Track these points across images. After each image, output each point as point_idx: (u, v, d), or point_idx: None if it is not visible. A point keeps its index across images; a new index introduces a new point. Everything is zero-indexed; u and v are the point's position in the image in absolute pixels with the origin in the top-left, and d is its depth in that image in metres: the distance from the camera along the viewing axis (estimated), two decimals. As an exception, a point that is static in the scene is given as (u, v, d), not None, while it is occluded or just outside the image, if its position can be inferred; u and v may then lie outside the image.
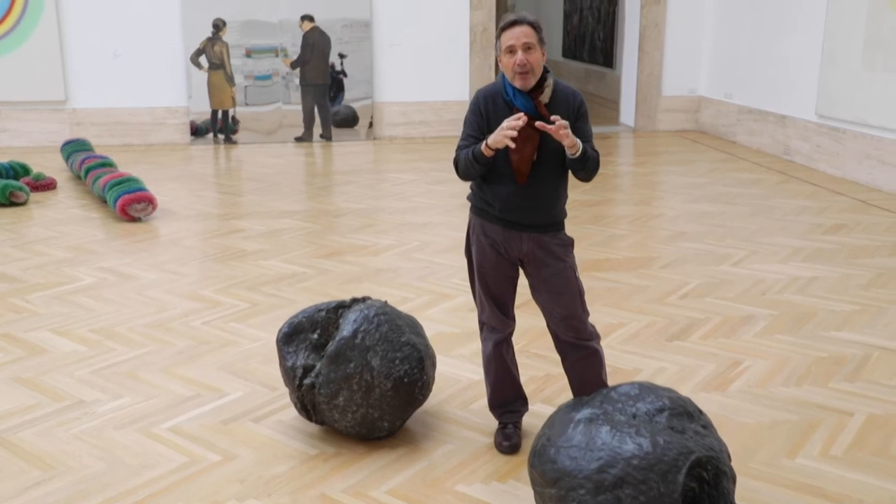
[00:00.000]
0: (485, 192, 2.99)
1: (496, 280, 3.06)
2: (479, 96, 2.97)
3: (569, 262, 3.02)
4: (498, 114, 2.90)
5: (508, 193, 2.92)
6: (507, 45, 2.82)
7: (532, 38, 2.80)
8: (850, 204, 6.79)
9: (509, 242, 2.99)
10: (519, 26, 2.81)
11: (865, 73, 7.34)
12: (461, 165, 2.96)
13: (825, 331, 4.25)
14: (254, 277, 5.06)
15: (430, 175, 8.01)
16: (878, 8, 7.16)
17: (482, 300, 3.11)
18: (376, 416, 3.09)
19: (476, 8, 9.80)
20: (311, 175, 8.33)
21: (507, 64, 2.84)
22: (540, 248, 2.98)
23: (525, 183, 2.89)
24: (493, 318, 3.11)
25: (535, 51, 2.81)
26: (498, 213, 2.96)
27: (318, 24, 9.56)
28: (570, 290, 3.01)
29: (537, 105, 2.85)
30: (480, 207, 3.03)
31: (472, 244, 3.10)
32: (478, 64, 9.92)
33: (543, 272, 3.00)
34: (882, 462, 3.06)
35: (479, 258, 3.07)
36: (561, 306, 3.02)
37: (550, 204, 2.96)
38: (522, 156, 2.86)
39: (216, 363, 3.88)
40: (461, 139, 3.00)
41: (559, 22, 16.16)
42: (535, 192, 2.91)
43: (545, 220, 2.96)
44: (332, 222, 6.32)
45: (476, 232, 3.06)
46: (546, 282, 3.01)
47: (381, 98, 9.86)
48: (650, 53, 10.30)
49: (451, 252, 5.57)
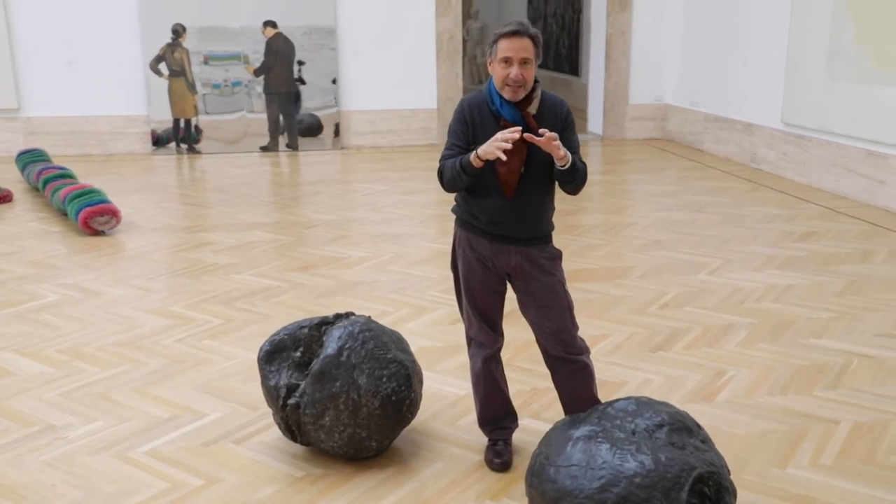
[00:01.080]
0: (471, 205, 2.93)
1: (483, 294, 3.00)
2: (465, 105, 2.90)
3: (557, 275, 2.97)
4: (484, 123, 2.84)
5: (495, 206, 2.86)
6: (503, 55, 2.74)
7: (530, 53, 2.74)
8: (818, 211, 6.87)
9: (496, 256, 2.93)
10: (519, 38, 2.73)
11: (829, 83, 7.44)
12: (446, 176, 2.89)
13: (805, 339, 4.26)
14: (226, 292, 4.94)
15: (401, 185, 7.94)
16: (840, 18, 7.26)
17: (469, 315, 3.05)
18: (364, 436, 3.01)
19: (442, 15, 9.76)
20: (279, 185, 8.20)
21: (499, 74, 2.77)
22: (528, 262, 2.93)
23: (512, 196, 2.84)
24: (482, 333, 3.05)
25: (531, 66, 2.76)
26: (485, 226, 2.90)
27: (282, 30, 9.44)
28: (559, 304, 2.96)
29: (525, 116, 2.80)
30: (466, 220, 2.97)
31: (458, 258, 3.04)
32: (445, 72, 9.88)
33: (532, 286, 2.95)
34: (871, 470, 3.05)
35: (465, 272, 3.01)
36: (550, 320, 2.97)
37: (538, 217, 2.90)
38: (510, 168, 2.80)
39: (192, 383, 3.76)
40: (446, 148, 2.94)
41: (522, 30, 16.19)
42: (522, 205, 2.86)
43: (533, 234, 2.91)
44: (304, 234, 6.21)
45: (462, 245, 3.00)
46: (535, 296, 2.95)
47: (348, 106, 9.77)
48: (617, 61, 10.35)
49: (427, 264, 5.50)
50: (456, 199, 3.02)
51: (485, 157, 2.72)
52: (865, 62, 6.98)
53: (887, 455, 3.16)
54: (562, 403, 3.15)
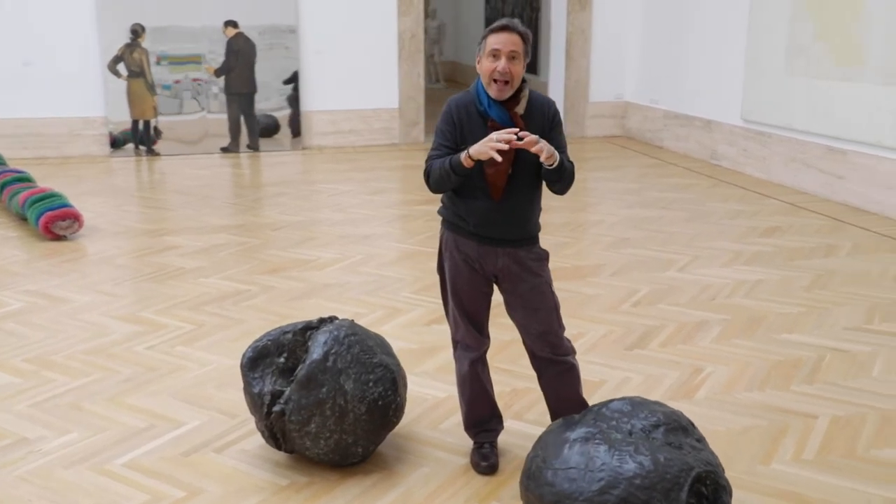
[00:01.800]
0: (458, 207, 2.90)
1: (470, 296, 2.98)
2: (452, 105, 2.87)
3: (544, 276, 2.97)
4: (472, 124, 2.82)
5: (483, 208, 2.84)
6: (491, 48, 2.72)
7: (518, 48, 2.73)
8: (779, 207, 6.98)
9: (484, 258, 2.91)
10: (508, 33, 2.73)
11: (789, 79, 7.57)
12: (434, 177, 2.86)
13: (777, 334, 4.32)
14: (195, 297, 4.84)
15: (366, 185, 7.88)
16: (799, 15, 7.39)
17: (456, 318, 3.02)
18: (350, 442, 2.96)
19: (404, 14, 9.71)
20: (242, 187, 8.08)
21: (486, 68, 2.74)
22: (515, 263, 2.91)
23: (500, 198, 2.82)
24: (468, 335, 3.02)
25: (519, 62, 2.74)
26: (472, 227, 2.88)
27: (242, 29, 9.31)
28: (546, 306, 2.95)
29: (513, 116, 2.79)
30: (453, 222, 2.94)
31: (444, 260, 3.01)
32: (407, 71, 9.84)
33: (519, 287, 2.93)
34: (853, 464, 3.10)
35: (452, 274, 2.98)
36: (537, 322, 2.96)
37: (525, 218, 2.89)
38: (498, 170, 2.78)
39: (167, 391, 3.68)
40: (432, 149, 2.91)
41: (480, 28, 16.21)
42: (510, 207, 2.84)
43: (520, 235, 2.90)
44: (271, 236, 6.13)
45: (449, 247, 2.97)
46: (522, 297, 2.94)
47: (309, 107, 9.66)
48: (577, 60, 10.41)
49: (397, 265, 5.46)
50: (442, 201, 2.99)
51: (477, 158, 2.69)
52: (825, 59, 7.11)
53: (867, 448, 3.21)
54: (548, 405, 3.14)
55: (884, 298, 4.80)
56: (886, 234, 6.11)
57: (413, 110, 9.96)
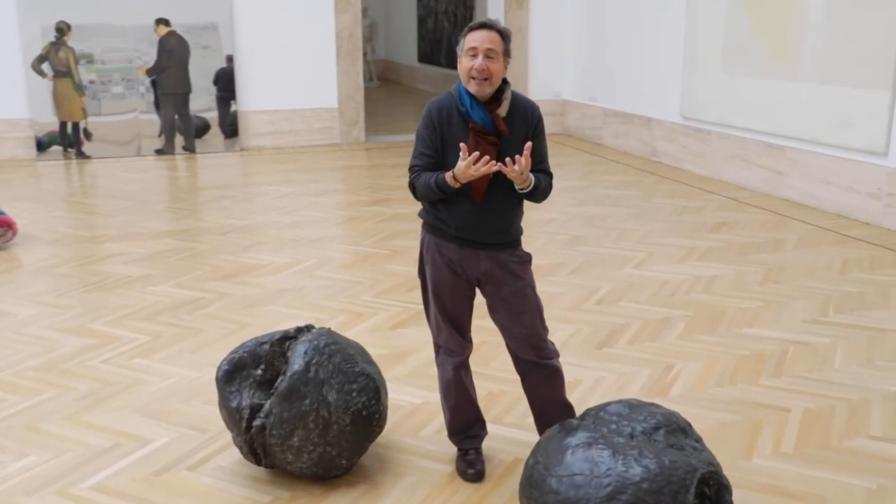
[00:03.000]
0: (440, 211, 2.84)
1: (453, 301, 2.92)
2: (432, 109, 2.81)
3: (527, 279, 2.93)
4: (453, 128, 2.76)
5: (465, 212, 2.79)
6: (469, 46, 2.69)
7: (497, 46, 2.69)
8: (723, 202, 7.11)
9: (466, 261, 2.86)
10: (486, 31, 2.70)
11: (726, 77, 7.73)
12: (420, 191, 2.81)
13: (739, 328, 4.38)
14: (147, 306, 4.65)
15: (310, 186, 7.73)
16: (735, 14, 7.55)
17: (438, 322, 2.96)
18: (334, 454, 2.87)
19: (341, 12, 9.57)
20: (183, 190, 7.83)
21: (465, 67, 2.71)
22: (498, 267, 2.87)
23: (482, 201, 2.77)
24: (451, 340, 2.96)
25: (498, 60, 2.70)
26: (454, 231, 2.82)
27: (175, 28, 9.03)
28: (529, 309, 2.92)
29: (495, 119, 2.74)
30: (435, 226, 2.88)
31: (426, 264, 2.94)
32: (345, 69, 9.70)
33: (502, 291, 2.89)
34: (830, 455, 3.15)
35: (434, 278, 2.92)
36: (521, 325, 2.92)
37: (508, 222, 2.85)
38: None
39: (130, 406, 3.51)
40: (414, 157, 2.84)
41: (413, 27, 16.14)
42: (491, 211, 2.80)
43: (502, 238, 2.86)
44: (219, 241, 5.94)
45: (431, 251, 2.91)
46: (505, 300, 2.90)
47: (246, 107, 9.44)
48: (515, 58, 10.42)
49: (353, 268, 5.36)
50: (423, 204, 2.92)
51: (461, 180, 2.66)
52: (762, 57, 7.28)
53: (841, 439, 3.27)
54: (532, 408, 3.10)
55: (834, 291, 4.93)
56: (827, 227, 6.28)
57: (353, 109, 9.83)
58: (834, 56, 6.53)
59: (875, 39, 6.15)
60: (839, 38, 6.47)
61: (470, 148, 2.68)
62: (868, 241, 5.91)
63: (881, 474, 3.03)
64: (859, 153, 6.40)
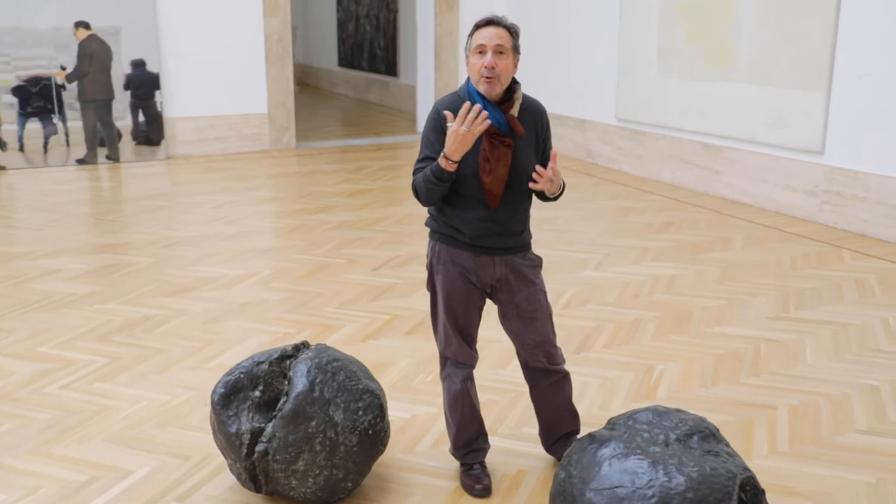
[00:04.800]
0: (452, 219, 2.75)
1: (465, 310, 2.83)
2: (440, 110, 2.71)
3: (539, 284, 2.87)
4: None
5: (479, 218, 2.71)
6: (477, 44, 2.62)
7: (505, 42, 2.62)
8: (665, 202, 7.23)
9: (481, 269, 2.77)
10: (494, 27, 2.63)
11: (662, 80, 7.87)
12: (421, 191, 2.70)
13: (709, 327, 4.43)
14: (98, 326, 4.38)
15: (248, 195, 7.48)
16: (669, 18, 7.69)
17: (448, 334, 2.86)
18: (340, 477, 2.74)
19: (270, 15, 9.33)
20: (113, 201, 7.45)
21: (474, 65, 2.63)
22: (513, 272, 2.81)
23: (497, 206, 2.69)
24: (460, 351, 2.87)
25: (507, 57, 2.63)
26: (469, 239, 2.74)
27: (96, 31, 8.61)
28: (542, 315, 2.87)
29: (509, 119, 2.67)
30: (446, 234, 2.79)
31: (436, 274, 2.84)
32: (275, 74, 9.45)
33: (515, 297, 2.83)
34: (825, 452, 3.20)
35: (447, 288, 2.82)
36: (534, 332, 2.86)
37: (521, 225, 2.79)
38: (495, 177, 2.65)
39: (100, 435, 3.28)
40: (417, 160, 2.74)
41: (333, 30, 15.92)
42: (507, 215, 2.73)
43: (516, 242, 2.79)
44: (165, 254, 5.67)
45: (442, 260, 2.81)
46: (518, 307, 2.84)
47: (172, 113, 9.08)
48: (446, 61, 10.39)
49: (312, 278, 5.19)
50: (430, 213, 2.83)
51: (453, 156, 2.56)
52: (696, 60, 7.43)
53: (832, 435, 3.32)
54: (539, 416, 3.05)
55: (790, 287, 5.04)
56: (769, 224, 6.45)
57: (283, 115, 9.59)
58: (769, 59, 6.71)
59: (809, 42, 6.35)
60: (773, 41, 6.66)
61: (486, 150, 2.60)
62: (809, 237, 6.09)
63: (877, 468, 3.09)
64: (796, 152, 6.60)
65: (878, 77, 5.95)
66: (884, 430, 3.37)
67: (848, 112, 6.18)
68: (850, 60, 6.12)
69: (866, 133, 6.06)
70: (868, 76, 6.03)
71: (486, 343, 4.11)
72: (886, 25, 5.86)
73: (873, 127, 6.01)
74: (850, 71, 6.13)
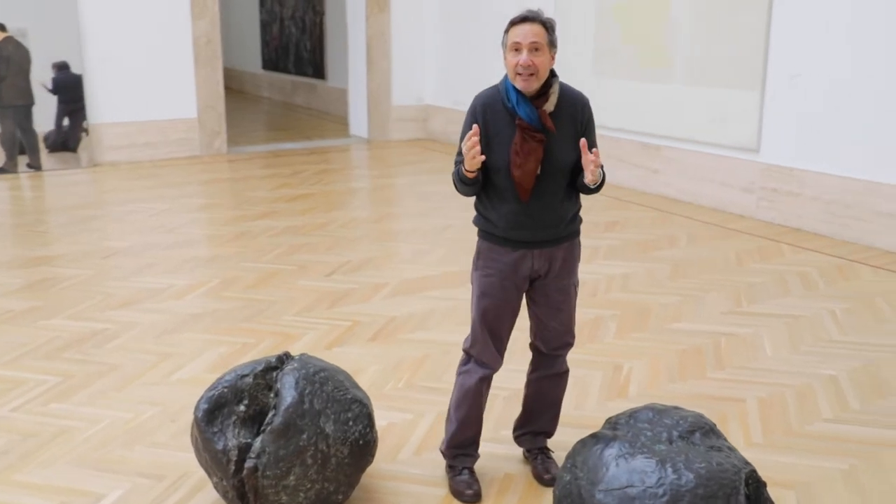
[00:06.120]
0: (488, 212, 2.75)
1: (497, 309, 2.79)
2: (477, 104, 2.71)
3: (573, 278, 2.89)
4: (498, 123, 2.66)
5: (511, 211, 2.69)
6: (513, 41, 2.60)
7: (541, 39, 2.60)
8: (607, 202, 7.32)
9: (520, 264, 2.75)
10: (529, 23, 2.60)
11: (598, 80, 7.98)
12: (455, 183, 2.75)
13: (668, 324, 4.50)
14: (45, 343, 4.17)
15: (183, 202, 7.26)
16: (605, 20, 7.81)
17: (477, 332, 2.84)
18: (332, 490, 2.66)
19: (198, 18, 9.08)
20: (41, 212, 7.12)
21: (510, 63, 2.62)
22: (550, 264, 2.78)
23: (528, 199, 2.67)
24: (486, 352, 2.84)
25: (543, 53, 2.61)
26: (502, 232, 2.73)
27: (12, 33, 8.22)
28: (568, 307, 2.90)
29: (541, 115, 2.64)
30: (486, 230, 2.79)
31: (475, 269, 2.84)
32: (205, 77, 9.21)
33: (548, 287, 2.82)
34: (797, 441, 3.28)
35: (482, 284, 2.80)
36: (557, 321, 2.89)
37: (558, 218, 2.74)
38: (524, 171, 2.63)
39: (64, 458, 3.11)
40: (457, 153, 2.74)
41: (256, 32, 15.62)
42: (539, 208, 2.69)
43: (553, 235, 2.75)
44: (104, 265, 5.44)
45: (483, 256, 2.80)
46: (548, 296, 2.84)
47: (98, 119, 8.75)
48: (378, 63, 10.31)
49: (263, 286, 5.06)
50: (476, 208, 2.83)
51: (472, 168, 2.58)
52: (633, 61, 7.57)
53: (802, 424, 3.41)
54: (524, 403, 3.08)
55: (739, 282, 5.17)
56: (709, 221, 6.61)
57: (214, 119, 9.35)
58: (705, 59, 6.88)
59: (743, 42, 6.54)
60: (709, 42, 6.84)
61: (517, 145, 2.59)
62: (749, 232, 6.27)
63: (848, 455, 3.18)
64: (732, 150, 6.79)
65: (809, 77, 6.17)
66: (848, 419, 3.48)
67: (782, 111, 6.39)
68: (782, 61, 6.33)
69: (800, 131, 6.28)
70: (799, 76, 6.24)
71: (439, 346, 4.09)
72: (816, 26, 6.08)
73: (807, 125, 6.22)
74: (783, 71, 6.34)
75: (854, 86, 5.89)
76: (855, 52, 5.86)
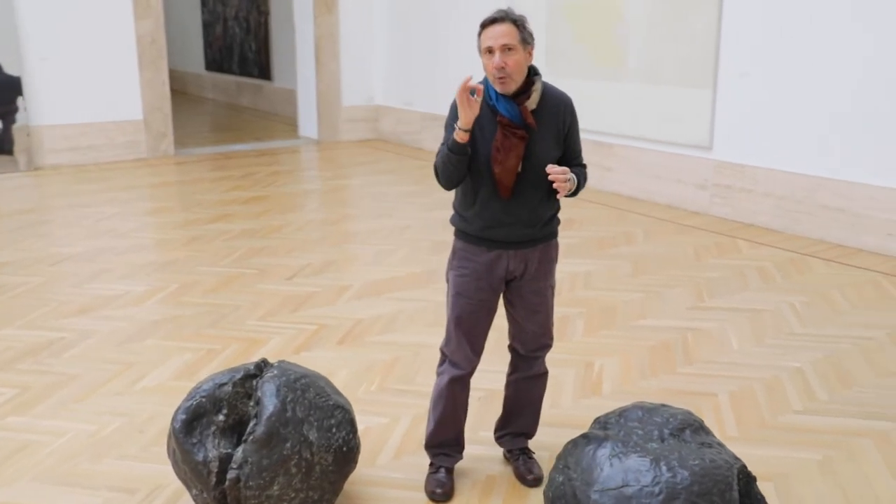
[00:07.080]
0: (466, 209, 2.71)
1: (471, 309, 2.77)
2: None
3: (550, 280, 2.86)
4: (481, 120, 2.63)
5: (492, 209, 2.67)
6: (485, 45, 2.58)
7: (513, 39, 2.56)
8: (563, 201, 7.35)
9: (495, 263, 2.72)
10: (499, 24, 2.57)
11: (551, 79, 7.97)
12: (439, 170, 2.67)
13: (634, 321, 4.53)
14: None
15: (133, 206, 7.07)
16: (556, 20, 7.85)
17: (452, 332, 2.82)
18: (316, 498, 2.60)
19: (142, 18, 8.86)
20: (-19, 218, 6.87)
21: (486, 66, 2.60)
22: (526, 266, 2.75)
23: (509, 196, 2.63)
24: (458, 352, 2.82)
25: (517, 52, 2.57)
26: (478, 231, 2.68)
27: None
28: (545, 309, 2.88)
29: (523, 112, 2.61)
30: (462, 230, 2.75)
31: (451, 269, 2.80)
32: (149, 78, 8.98)
33: (524, 290, 2.80)
34: (771, 434, 3.32)
35: (456, 283, 2.78)
36: (534, 324, 2.87)
37: (537, 217, 2.72)
38: (505, 167, 2.60)
39: (28, 474, 2.98)
40: (440, 145, 2.69)
41: (199, 33, 15.33)
42: (520, 207, 2.67)
43: (531, 236, 2.73)
44: (55, 272, 5.25)
45: (458, 256, 2.77)
46: (524, 298, 2.82)
47: (38, 121, 8.46)
48: (327, 64, 10.20)
49: (223, 291, 4.94)
50: (454, 207, 2.79)
51: (466, 125, 2.54)
52: (586, 60, 7.62)
53: (774, 416, 3.46)
54: (505, 404, 3.07)
55: (699, 277, 5.24)
56: (664, 218, 6.69)
57: (160, 121, 9.13)
58: (657, 58, 6.97)
59: (695, 42, 6.63)
60: (661, 41, 6.92)
61: (498, 141, 2.57)
62: (704, 228, 6.36)
63: (821, 445, 3.23)
64: (685, 148, 6.88)
65: (758, 75, 6.29)
66: (817, 409, 3.54)
67: (733, 109, 6.50)
68: (732, 59, 6.44)
69: (751, 128, 6.39)
70: (748, 75, 6.36)
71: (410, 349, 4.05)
72: (764, 26, 6.20)
73: (757, 122, 6.34)
74: (733, 69, 6.45)
75: (800, 84, 6.02)
76: (802, 51, 6.00)
